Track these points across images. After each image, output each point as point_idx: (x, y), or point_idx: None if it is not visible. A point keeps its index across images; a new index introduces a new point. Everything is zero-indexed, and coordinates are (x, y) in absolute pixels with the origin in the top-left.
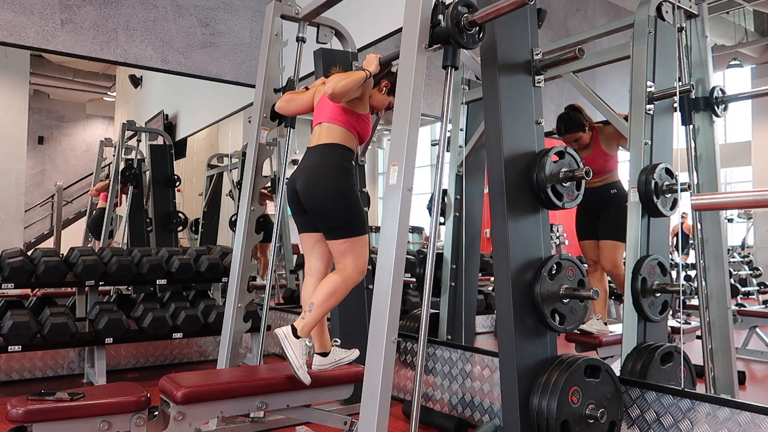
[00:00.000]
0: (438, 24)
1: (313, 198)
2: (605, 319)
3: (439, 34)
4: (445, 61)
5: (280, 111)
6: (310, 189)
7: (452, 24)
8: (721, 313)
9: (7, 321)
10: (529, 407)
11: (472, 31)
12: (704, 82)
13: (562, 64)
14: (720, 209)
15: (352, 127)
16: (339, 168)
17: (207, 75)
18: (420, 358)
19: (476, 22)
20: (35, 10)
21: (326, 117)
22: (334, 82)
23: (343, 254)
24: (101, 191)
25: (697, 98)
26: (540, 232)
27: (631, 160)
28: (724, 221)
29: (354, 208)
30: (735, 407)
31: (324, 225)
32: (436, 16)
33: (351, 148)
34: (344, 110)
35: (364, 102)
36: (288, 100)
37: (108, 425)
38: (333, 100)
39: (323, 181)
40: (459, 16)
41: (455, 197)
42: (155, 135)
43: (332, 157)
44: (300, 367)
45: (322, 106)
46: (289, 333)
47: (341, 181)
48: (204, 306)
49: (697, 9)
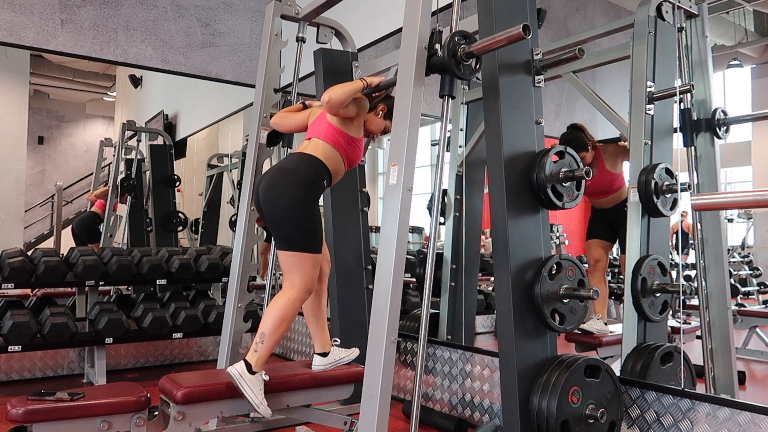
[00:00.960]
0: (435, 53)
1: (270, 202)
2: (605, 319)
3: (436, 64)
4: (442, 90)
5: (274, 126)
6: (269, 192)
7: (449, 55)
8: (721, 313)
9: (7, 321)
10: (529, 407)
11: (469, 62)
12: (706, 103)
13: (562, 64)
14: (720, 209)
15: (342, 149)
16: (307, 180)
17: (207, 75)
18: (420, 358)
19: (473, 54)
20: (35, 10)
21: (318, 133)
22: (332, 91)
23: (291, 268)
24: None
25: (699, 120)
26: (540, 232)
27: (631, 160)
28: (724, 221)
29: (311, 223)
30: (735, 407)
31: (277, 233)
32: (432, 45)
33: (330, 168)
34: (337, 130)
35: (358, 124)
36: (283, 116)
37: (108, 425)
38: (329, 109)
39: (286, 187)
40: (456, 47)
41: (455, 197)
42: (155, 135)
43: (306, 166)
44: (260, 404)
45: (316, 124)
46: (243, 371)
47: (304, 192)
48: (204, 306)
49: (697, 9)
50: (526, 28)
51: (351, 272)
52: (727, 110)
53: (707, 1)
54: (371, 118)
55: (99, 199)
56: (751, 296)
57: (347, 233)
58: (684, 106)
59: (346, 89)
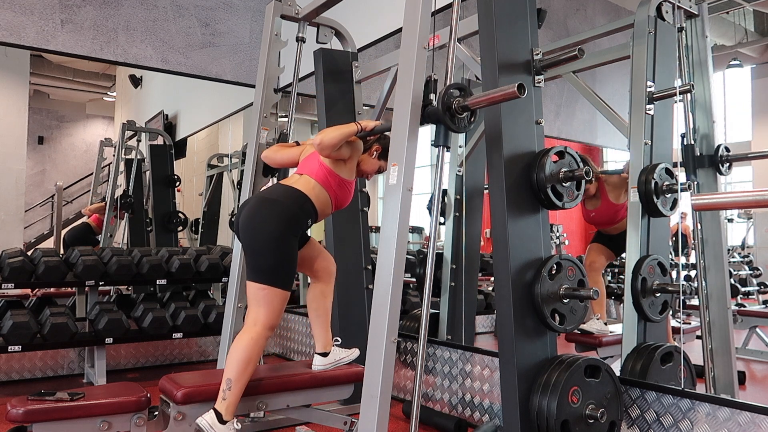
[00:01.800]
0: (429, 103)
1: (249, 230)
2: (605, 319)
3: (431, 115)
4: (437, 141)
5: (265, 160)
6: (250, 220)
7: (443, 108)
8: (721, 313)
9: (7, 321)
10: (529, 407)
11: (463, 115)
12: (709, 138)
13: (562, 64)
14: (720, 209)
15: (332, 190)
16: (290, 214)
17: (207, 75)
18: (420, 358)
19: (468, 108)
20: (35, 10)
21: (309, 171)
22: (324, 133)
23: (258, 302)
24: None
25: (702, 156)
26: (540, 232)
27: (631, 160)
28: (724, 221)
29: (287, 259)
30: (735, 407)
31: (251, 263)
32: (427, 94)
33: (317, 207)
34: (329, 171)
35: (351, 166)
36: (275, 151)
37: (108, 425)
38: (321, 151)
39: (266, 218)
40: (450, 99)
41: (455, 197)
42: (155, 135)
43: (292, 200)
44: None
45: (308, 160)
46: (213, 421)
47: (285, 226)
48: (204, 306)
49: (697, 9)
50: (521, 87)
51: (351, 272)
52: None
53: (707, 1)
54: (365, 158)
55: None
56: (751, 296)
57: (347, 233)
58: (687, 140)
59: (339, 132)
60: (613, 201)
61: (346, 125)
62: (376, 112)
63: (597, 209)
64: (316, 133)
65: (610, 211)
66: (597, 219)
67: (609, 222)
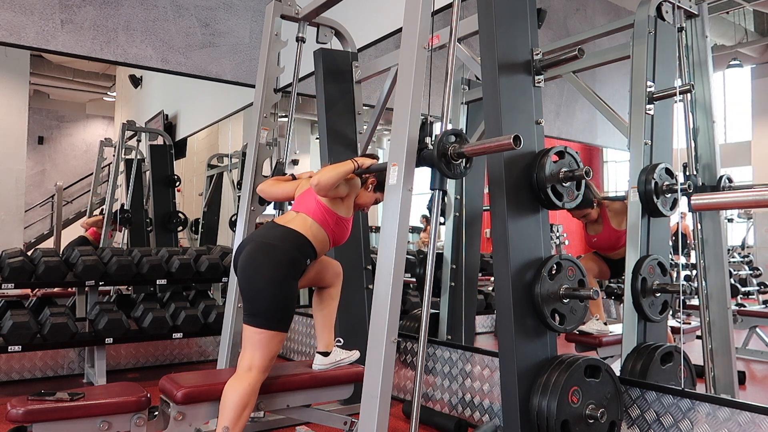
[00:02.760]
0: (425, 147)
1: (249, 275)
2: (604, 320)
3: (426, 159)
4: (432, 184)
5: (261, 194)
6: (250, 264)
7: (438, 155)
8: (721, 313)
9: (7, 321)
10: (529, 407)
11: (459, 162)
12: (712, 168)
13: (562, 64)
14: (720, 209)
15: (329, 228)
16: (289, 259)
17: (207, 75)
18: (420, 358)
19: (464, 155)
20: (35, 10)
21: (306, 209)
22: (321, 174)
23: (254, 346)
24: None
25: (704, 185)
26: (540, 232)
27: (631, 160)
28: (724, 221)
29: (286, 303)
30: (735, 407)
31: (248, 307)
32: (423, 137)
33: (315, 247)
34: (326, 209)
35: (348, 204)
36: (270, 185)
37: (108, 425)
38: (318, 192)
39: (266, 264)
40: (446, 146)
41: (455, 197)
42: (155, 135)
43: (290, 243)
44: None
45: (305, 197)
46: None
47: (285, 272)
48: (204, 306)
49: (697, 9)
50: (517, 139)
51: (351, 272)
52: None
53: (707, 1)
54: (362, 192)
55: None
56: (751, 296)
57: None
58: (689, 172)
59: (336, 172)
60: (615, 227)
61: (343, 164)
62: (376, 113)
63: (599, 235)
64: (316, 133)
65: (612, 237)
66: (598, 244)
67: (610, 248)
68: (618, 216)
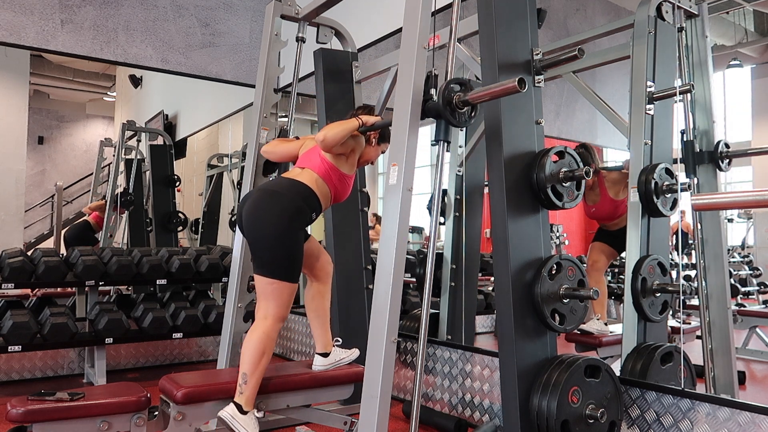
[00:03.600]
0: (430, 98)
1: (254, 224)
2: (605, 319)
3: (431, 110)
4: (437, 136)
5: (265, 155)
6: (255, 213)
7: (444, 103)
8: (721, 313)
9: (7, 321)
10: (529, 407)
11: (464, 110)
12: (709, 134)
13: (562, 64)
14: (720, 209)
15: (331, 183)
16: (295, 208)
17: (207, 75)
18: (420, 358)
19: (469, 102)
20: (35, 10)
21: (311, 165)
22: (327, 129)
23: (267, 296)
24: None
25: (702, 152)
26: (540, 232)
27: (631, 160)
28: (724, 221)
29: (293, 252)
30: (735, 407)
31: (257, 257)
32: (428, 89)
33: (320, 198)
34: (330, 166)
35: (352, 161)
36: (274, 145)
37: (108, 425)
38: (324, 148)
39: (272, 212)
40: (451, 94)
41: (455, 197)
42: (155, 135)
43: (295, 193)
44: None
45: (308, 155)
46: (235, 412)
47: (290, 221)
48: (204, 306)
49: (697, 9)
50: (522, 82)
51: (351, 272)
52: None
53: (707, 1)
54: (367, 148)
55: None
56: (751, 296)
57: (347, 233)
58: (687, 137)
59: (341, 129)
60: (613, 197)
61: (348, 121)
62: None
63: (597, 205)
64: (316, 132)
65: (610, 207)
66: (597, 215)
67: (609, 218)
68: (615, 185)
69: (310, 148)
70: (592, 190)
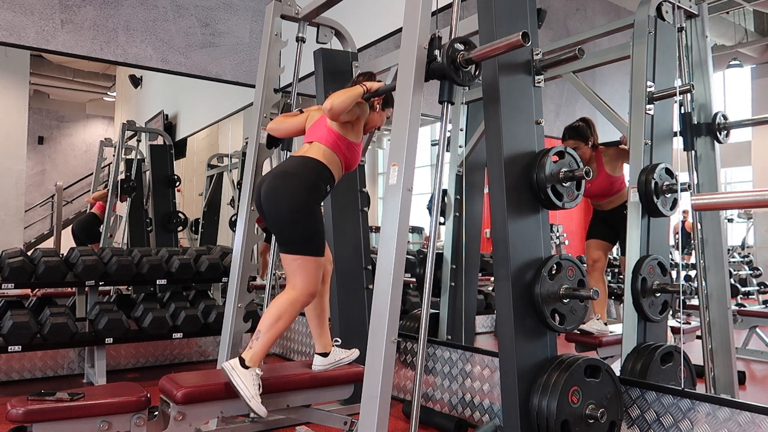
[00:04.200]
0: (434, 59)
1: (272, 205)
2: (605, 319)
3: (435, 70)
4: (441, 96)
5: (271, 132)
6: (271, 195)
7: (448, 62)
8: (721, 313)
9: (7, 321)
10: (529, 407)
11: (468, 68)
12: (707, 108)
13: (562, 64)
14: (720, 209)
15: (341, 152)
16: (309, 183)
17: (207, 75)
18: (420, 358)
19: (472, 60)
20: (35, 10)
21: (318, 137)
22: (333, 98)
23: (293, 272)
24: (98, 200)
25: (699, 124)
26: (540, 232)
27: (631, 160)
28: (724, 221)
29: (314, 227)
30: (735, 407)
31: (279, 236)
32: (432, 50)
33: (331, 170)
34: (337, 135)
35: (358, 129)
36: (279, 121)
37: (108, 425)
38: (331, 116)
39: (287, 191)
40: (455, 53)
41: (455, 197)
42: (155, 135)
43: (307, 170)
44: (252, 397)
45: (315, 128)
46: (236, 364)
47: (306, 197)
48: (204, 306)
49: (697, 9)
50: (525, 35)
51: (351, 272)
52: (727, 111)
53: (707, 1)
54: (372, 115)
55: (98, 201)
56: (751, 296)
57: (347, 233)
58: (684, 109)
59: (347, 96)
60: (609, 172)
61: (353, 88)
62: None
63: (593, 180)
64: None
65: (606, 182)
66: (592, 191)
67: (603, 194)
68: (613, 161)
69: (316, 120)
70: (589, 165)
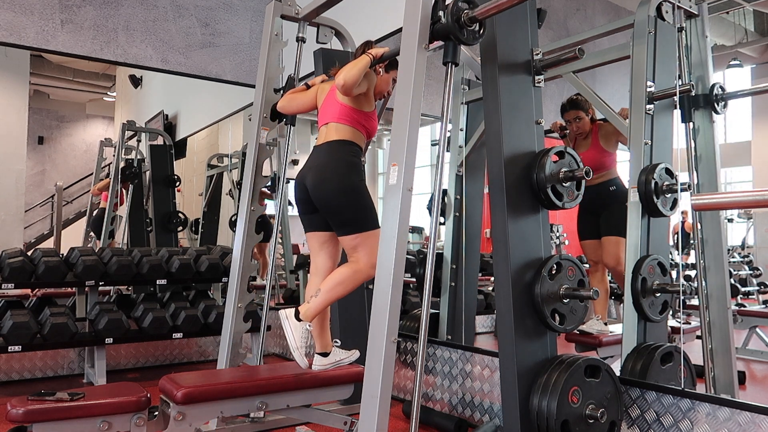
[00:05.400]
0: (438, 20)
1: (323, 194)
2: (605, 320)
3: (440, 31)
4: (446, 57)
5: (281, 110)
6: (320, 185)
7: (452, 20)
8: (721, 313)
9: (7, 321)
10: (529, 407)
11: (473, 27)
12: (704, 79)
13: (562, 64)
14: (720, 209)
15: (360, 125)
16: (348, 164)
17: (207, 75)
18: (420, 358)
19: (476, 18)
20: (35, 10)
21: (333, 117)
22: (343, 73)
23: (355, 249)
24: (102, 190)
25: (697, 95)
26: (540, 232)
27: (631, 160)
28: (724, 221)
29: (364, 202)
30: (735, 407)
31: (335, 221)
32: (436, 12)
33: (359, 144)
34: (351, 109)
35: (369, 98)
36: (289, 99)
37: (108, 425)
38: (344, 92)
39: (333, 178)
40: (459, 12)
41: (455, 197)
42: (155, 135)
43: (341, 152)
44: (297, 348)
45: (328, 107)
46: (290, 314)
47: (351, 176)
48: (204, 306)
49: (697, 9)
50: None
51: None
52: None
53: (707, 1)
54: (378, 81)
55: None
56: (751, 296)
57: None
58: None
59: (357, 68)
60: (603, 146)
61: (359, 59)
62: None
63: (585, 153)
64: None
65: (598, 156)
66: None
67: (596, 168)
68: (608, 136)
69: (327, 95)
70: (585, 140)
